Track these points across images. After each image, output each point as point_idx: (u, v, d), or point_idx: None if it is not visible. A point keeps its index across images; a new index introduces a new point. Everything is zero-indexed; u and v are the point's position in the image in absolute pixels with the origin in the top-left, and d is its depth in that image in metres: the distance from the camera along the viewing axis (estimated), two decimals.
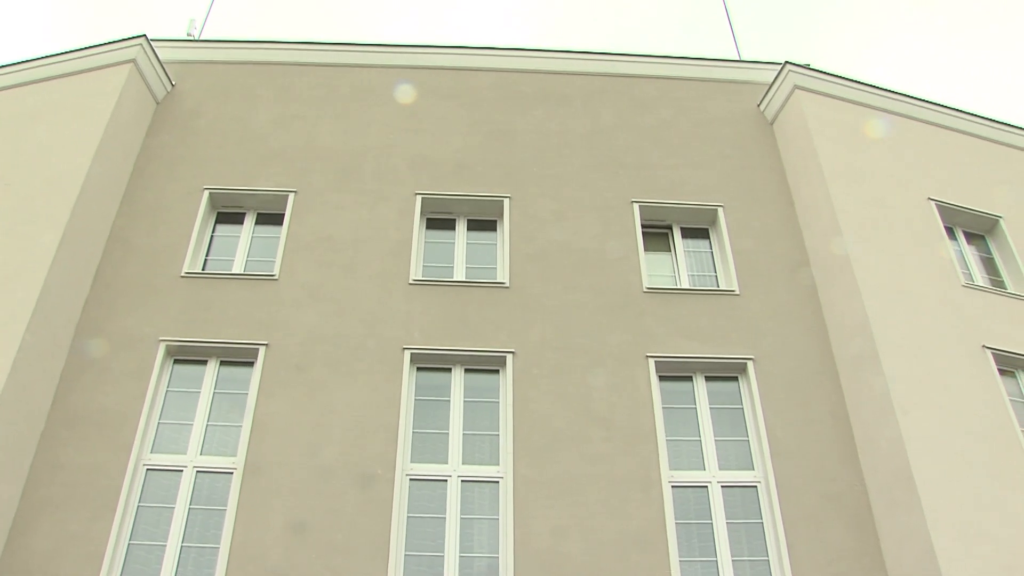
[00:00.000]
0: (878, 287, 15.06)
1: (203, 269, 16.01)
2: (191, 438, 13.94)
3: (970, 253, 17.26)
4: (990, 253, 17.51)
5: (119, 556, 12.78)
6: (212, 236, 16.67)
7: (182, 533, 13.08)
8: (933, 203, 16.93)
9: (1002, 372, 14.96)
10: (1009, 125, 19.19)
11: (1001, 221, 17.49)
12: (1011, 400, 14.55)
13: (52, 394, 13.94)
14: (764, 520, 13.68)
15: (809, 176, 16.99)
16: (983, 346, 14.87)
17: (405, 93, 17.89)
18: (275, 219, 16.78)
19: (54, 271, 14.27)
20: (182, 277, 15.46)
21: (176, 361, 14.78)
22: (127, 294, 15.20)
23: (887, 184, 16.92)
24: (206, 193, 16.68)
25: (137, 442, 13.58)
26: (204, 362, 14.77)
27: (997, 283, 16.84)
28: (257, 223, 16.88)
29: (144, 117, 17.70)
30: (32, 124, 16.56)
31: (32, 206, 15.10)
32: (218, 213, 16.97)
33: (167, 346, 14.63)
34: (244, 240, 16.59)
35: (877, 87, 18.50)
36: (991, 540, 12.61)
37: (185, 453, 13.79)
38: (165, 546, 12.94)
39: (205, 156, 17.30)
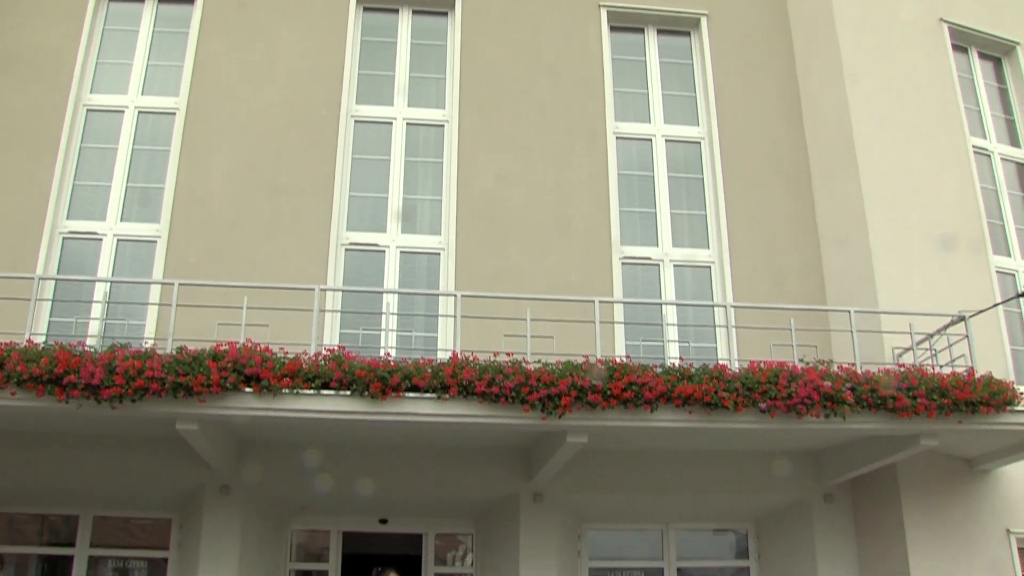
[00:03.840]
0: None
1: None
2: (131, 78, 13.59)
3: None
4: None
5: (64, 197, 12.82)
6: None
7: (126, 174, 13.06)
8: None
9: (955, 48, 14.68)
10: None
11: None
12: (960, 76, 14.43)
13: None
14: (705, 176, 13.94)
15: None
16: (940, 19, 14.54)
17: None
18: None
19: None
20: None
21: None
22: None
23: None
24: None
25: (75, 82, 13.24)
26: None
27: None
28: None
29: None
30: None
31: None
32: None
33: None
34: None
35: None
36: (920, 209, 12.98)
37: (126, 93, 13.50)
38: (110, 187, 12.96)
39: None
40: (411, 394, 9.44)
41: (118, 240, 12.72)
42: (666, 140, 14.05)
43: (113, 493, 11.82)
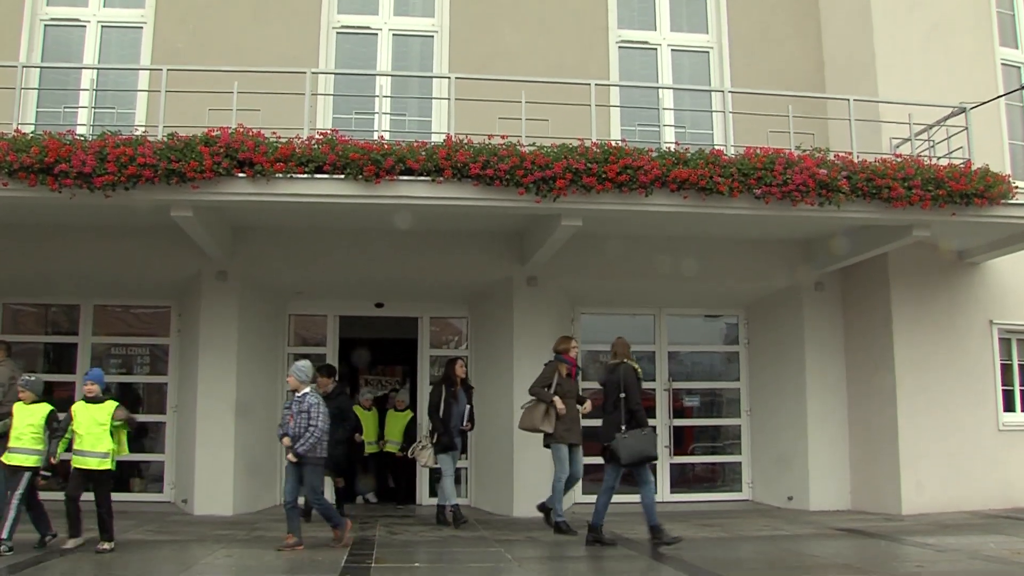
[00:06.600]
0: None
1: None
2: None
3: None
4: None
5: None
6: None
7: None
8: None
9: None
10: None
11: None
12: None
13: None
14: None
15: None
16: None
17: None
18: None
19: None
20: None
21: None
22: None
23: None
24: None
25: None
26: None
27: None
28: None
29: None
30: None
31: None
32: None
33: None
34: None
35: None
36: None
37: None
38: None
39: None
40: (405, 177, 9.38)
41: (102, 27, 12.38)
42: None
43: (112, 282, 11.99)
